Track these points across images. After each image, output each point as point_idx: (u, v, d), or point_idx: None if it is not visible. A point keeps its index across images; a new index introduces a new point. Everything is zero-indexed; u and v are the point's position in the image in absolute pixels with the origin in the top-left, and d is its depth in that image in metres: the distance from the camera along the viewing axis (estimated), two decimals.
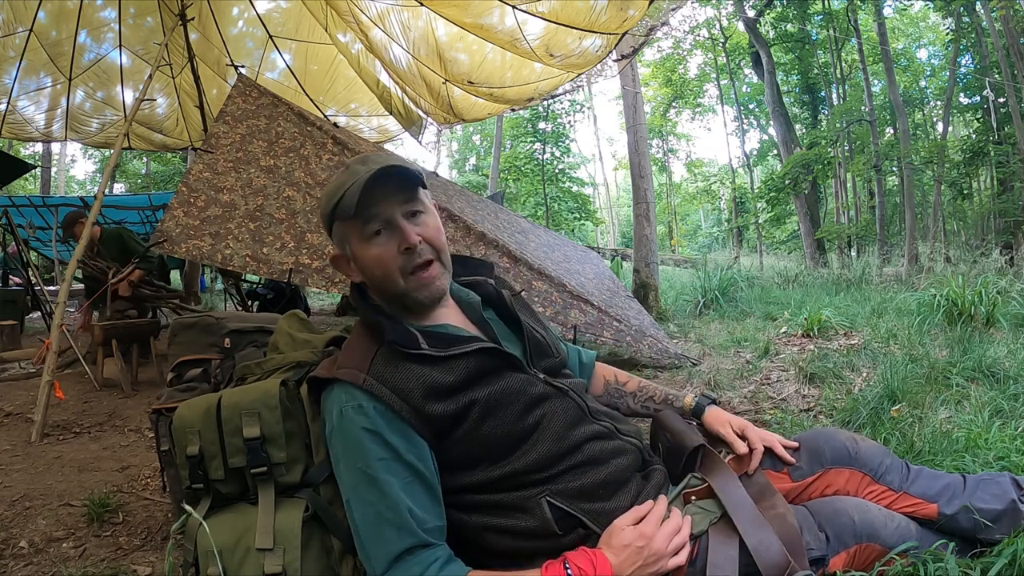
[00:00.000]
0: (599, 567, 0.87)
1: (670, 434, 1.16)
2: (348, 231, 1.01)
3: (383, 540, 0.89)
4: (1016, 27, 9.70)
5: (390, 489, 0.90)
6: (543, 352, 1.09)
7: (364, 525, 0.90)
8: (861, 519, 1.01)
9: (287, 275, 3.22)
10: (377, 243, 0.99)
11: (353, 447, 0.92)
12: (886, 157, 12.91)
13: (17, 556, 1.53)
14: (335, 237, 1.05)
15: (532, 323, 1.12)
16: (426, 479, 0.93)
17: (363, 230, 0.99)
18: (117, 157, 4.05)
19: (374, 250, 0.99)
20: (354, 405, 0.93)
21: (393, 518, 0.89)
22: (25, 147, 17.27)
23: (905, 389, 2.28)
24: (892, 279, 7.32)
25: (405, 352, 0.96)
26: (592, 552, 0.90)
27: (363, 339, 1.02)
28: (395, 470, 0.91)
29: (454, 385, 0.95)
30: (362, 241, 1.00)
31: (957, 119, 16.18)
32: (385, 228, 0.99)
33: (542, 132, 19.65)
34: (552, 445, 0.98)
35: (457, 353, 0.97)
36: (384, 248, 0.99)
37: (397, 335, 0.97)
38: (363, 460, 0.91)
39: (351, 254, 1.03)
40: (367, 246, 0.99)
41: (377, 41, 5.28)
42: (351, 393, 0.94)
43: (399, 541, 0.88)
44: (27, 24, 5.33)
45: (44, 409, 2.57)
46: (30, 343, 4.83)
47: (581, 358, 1.31)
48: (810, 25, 15.43)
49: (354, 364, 0.96)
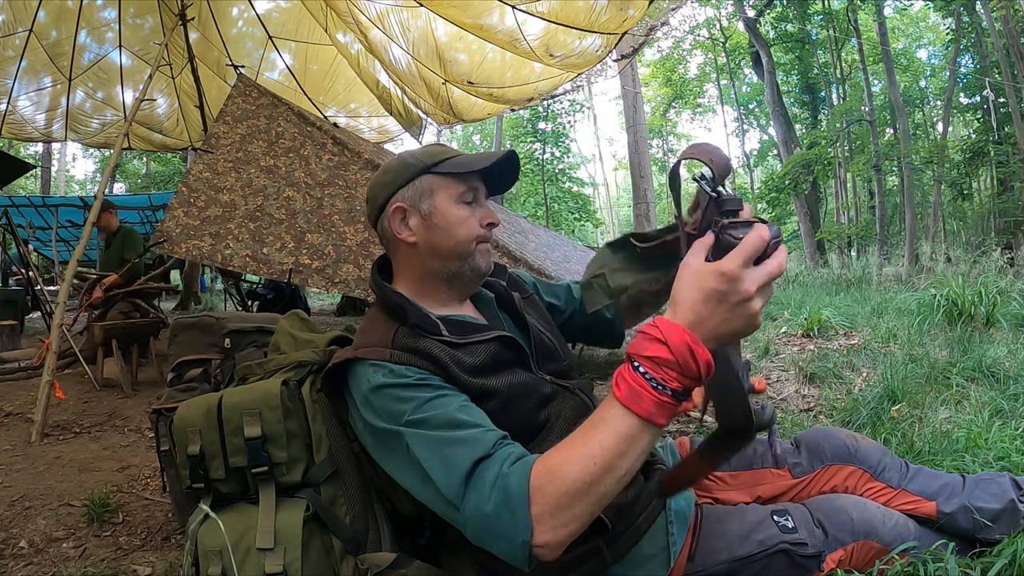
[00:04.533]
0: (671, 337, 0.69)
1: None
2: (440, 185, 1.02)
3: (453, 464, 0.81)
4: (1016, 27, 9.70)
5: (446, 416, 0.84)
6: (549, 355, 1.09)
7: (431, 463, 0.82)
8: (859, 516, 1.01)
9: (287, 275, 3.22)
10: (466, 208, 1.03)
11: (396, 405, 0.88)
12: (886, 157, 12.93)
13: (17, 556, 1.53)
14: (412, 188, 1.03)
15: (540, 325, 1.12)
16: (477, 407, 0.89)
17: (462, 191, 1.03)
18: (117, 157, 4.05)
19: (464, 212, 1.02)
20: (384, 372, 0.91)
21: (457, 437, 0.82)
22: (25, 147, 17.28)
23: (905, 389, 2.28)
24: (892, 279, 7.31)
25: (426, 335, 0.96)
26: (654, 326, 0.71)
27: (382, 320, 1.01)
28: (445, 402, 0.87)
29: (477, 367, 0.95)
30: (453, 200, 1.02)
31: (957, 119, 16.19)
32: (475, 201, 1.05)
33: (542, 132, 19.66)
34: (558, 441, 0.98)
35: (477, 340, 0.98)
36: (471, 214, 1.03)
37: (418, 319, 0.97)
38: (409, 409, 0.86)
39: (430, 208, 1.02)
40: (456, 206, 1.02)
41: (377, 42, 5.28)
42: (379, 365, 0.92)
43: (468, 455, 0.81)
44: (27, 24, 5.32)
45: (44, 409, 2.57)
46: (30, 343, 4.83)
47: (572, 292, 1.29)
48: (810, 25, 15.44)
49: (376, 342, 0.96)
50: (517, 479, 0.77)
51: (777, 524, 1.00)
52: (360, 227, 3.30)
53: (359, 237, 3.26)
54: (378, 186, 1.06)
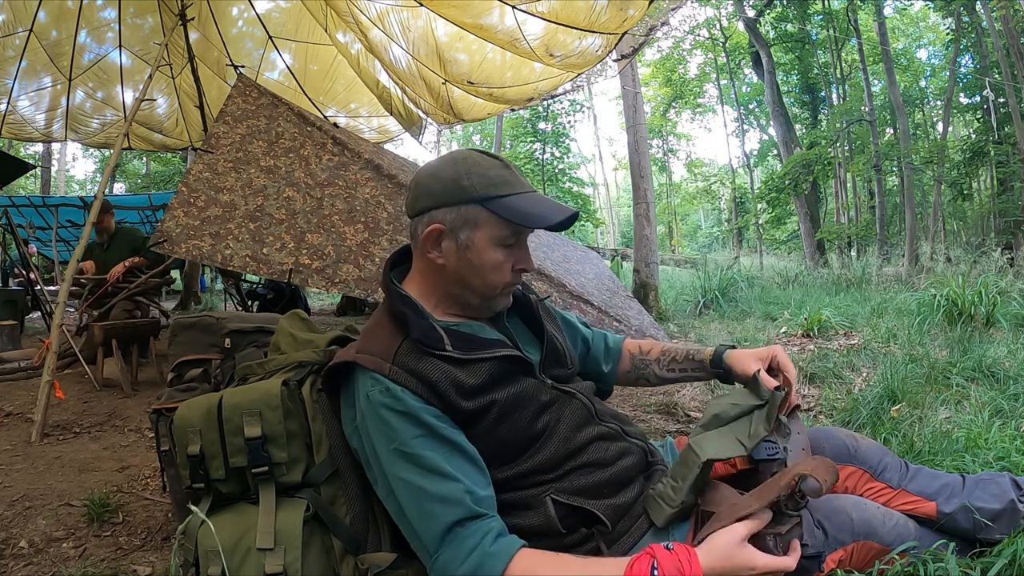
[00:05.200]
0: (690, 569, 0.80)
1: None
2: (487, 223, 0.96)
3: (430, 517, 0.86)
4: (1016, 27, 9.70)
5: (431, 463, 0.88)
6: (558, 361, 1.09)
7: (409, 507, 0.88)
8: (859, 517, 1.01)
9: (287, 275, 3.21)
10: (504, 252, 0.99)
11: (386, 430, 0.91)
12: (886, 157, 12.93)
13: (17, 556, 1.53)
14: (456, 213, 0.96)
15: (554, 331, 1.13)
16: (467, 451, 0.91)
17: (506, 235, 0.98)
18: (117, 157, 4.05)
19: (499, 257, 0.99)
20: (381, 389, 0.92)
21: (437, 491, 0.86)
22: (25, 147, 17.28)
23: (905, 389, 2.28)
24: (892, 279, 7.31)
25: (429, 351, 0.95)
26: (688, 561, 0.81)
27: (387, 327, 1.01)
28: (433, 445, 0.89)
29: (476, 387, 0.95)
30: (494, 242, 0.98)
31: (957, 119, 16.18)
32: (516, 244, 1.01)
33: (542, 132, 19.67)
34: (558, 447, 0.98)
35: (481, 357, 0.97)
36: (507, 259, 1.00)
37: (422, 332, 0.96)
38: (398, 440, 0.89)
39: (468, 241, 0.97)
40: (495, 248, 0.98)
41: (377, 41, 5.28)
42: (377, 379, 0.93)
43: (447, 514, 0.86)
44: (27, 24, 5.32)
45: (44, 409, 2.57)
46: (30, 343, 4.83)
47: (607, 342, 1.30)
48: (810, 25, 15.44)
49: (378, 352, 0.96)
50: (496, 561, 0.83)
51: None
52: (360, 227, 3.30)
53: (359, 237, 3.26)
54: (424, 191, 1.00)
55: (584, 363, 1.27)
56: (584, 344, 1.29)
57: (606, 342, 1.31)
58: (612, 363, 1.29)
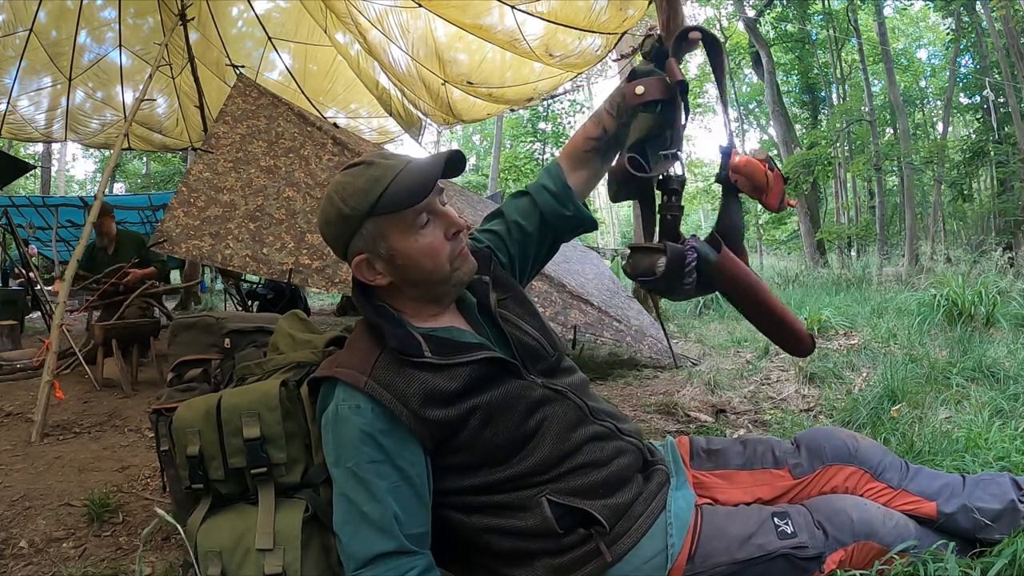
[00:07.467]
0: None
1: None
2: (389, 226, 0.94)
3: (363, 539, 0.89)
4: (1016, 27, 9.70)
5: (376, 491, 0.90)
6: (535, 355, 1.05)
7: (347, 521, 0.91)
8: (859, 517, 1.01)
9: (287, 275, 3.22)
10: (426, 233, 0.95)
11: (346, 446, 0.92)
12: (886, 157, 12.92)
13: (17, 556, 1.53)
14: (362, 238, 0.96)
15: (522, 323, 1.08)
16: (415, 484, 0.92)
17: (413, 221, 0.94)
18: (117, 157, 4.06)
19: (424, 240, 0.95)
20: (351, 405, 0.93)
21: (376, 519, 0.89)
22: (25, 147, 17.28)
23: (905, 389, 2.28)
24: (892, 279, 7.31)
25: (408, 359, 0.95)
26: None
27: (366, 340, 1.00)
28: (384, 473, 0.91)
29: (456, 392, 0.94)
30: (409, 233, 0.95)
31: (957, 119, 16.19)
32: (431, 216, 0.96)
33: (542, 132, 19.67)
34: (553, 448, 0.98)
35: (459, 362, 0.96)
36: (434, 236, 0.96)
37: (399, 341, 0.95)
38: (354, 460, 0.91)
39: (389, 251, 0.95)
40: (416, 237, 0.95)
41: (376, 43, 5.29)
42: (350, 393, 0.94)
43: (378, 543, 0.89)
44: (27, 24, 5.33)
45: (44, 409, 2.57)
46: (30, 343, 4.83)
47: (550, 181, 1.17)
48: (810, 25, 15.43)
49: (355, 366, 0.96)
50: None
51: (777, 529, 0.99)
52: None
53: None
54: (330, 239, 1.00)
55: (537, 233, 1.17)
56: (519, 231, 1.16)
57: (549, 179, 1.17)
58: (560, 187, 1.15)
